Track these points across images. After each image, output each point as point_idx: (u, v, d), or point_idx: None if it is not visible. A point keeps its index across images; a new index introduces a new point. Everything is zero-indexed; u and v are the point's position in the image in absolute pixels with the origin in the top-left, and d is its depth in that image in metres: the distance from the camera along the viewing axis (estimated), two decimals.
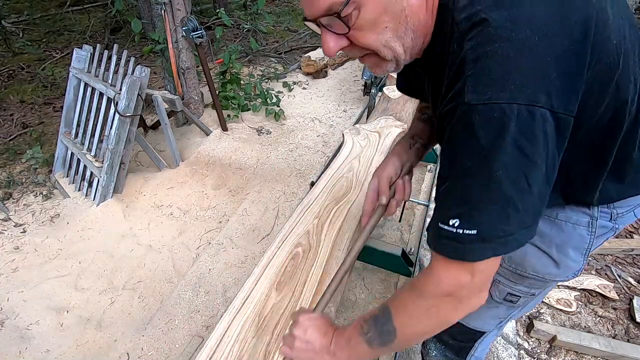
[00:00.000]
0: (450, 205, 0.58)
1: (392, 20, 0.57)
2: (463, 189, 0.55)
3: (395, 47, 0.60)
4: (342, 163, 1.69)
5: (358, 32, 0.58)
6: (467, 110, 0.51)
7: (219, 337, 0.94)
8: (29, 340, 1.84)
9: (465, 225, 0.55)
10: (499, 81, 0.49)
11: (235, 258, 2.23)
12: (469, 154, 0.53)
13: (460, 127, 0.53)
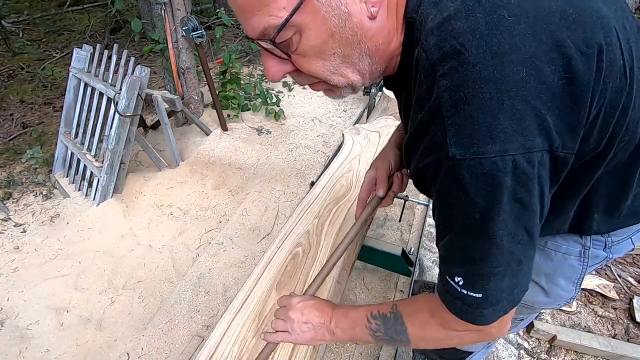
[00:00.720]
0: (453, 261, 0.54)
1: (341, 46, 0.49)
2: (464, 248, 0.51)
3: (347, 73, 0.53)
4: (342, 163, 1.69)
5: (301, 58, 0.50)
6: (453, 167, 0.44)
7: (219, 337, 0.94)
8: (29, 340, 1.84)
9: (469, 289, 0.52)
10: (485, 131, 0.42)
11: (235, 258, 2.23)
12: (465, 213, 0.47)
13: (450, 184, 0.46)
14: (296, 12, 0.44)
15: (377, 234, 2.28)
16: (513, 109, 0.41)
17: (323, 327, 0.71)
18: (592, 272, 2.05)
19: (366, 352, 1.67)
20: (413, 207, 2.44)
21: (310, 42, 0.48)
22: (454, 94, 0.43)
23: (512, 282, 0.51)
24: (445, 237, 0.53)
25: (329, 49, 0.49)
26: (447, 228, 0.53)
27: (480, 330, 0.57)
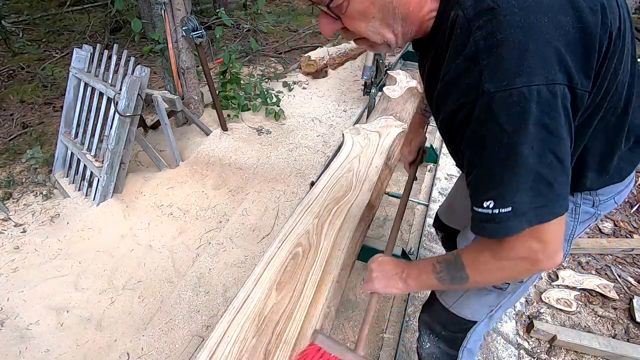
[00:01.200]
0: (483, 189, 0.60)
1: (380, 11, 0.61)
2: (493, 173, 0.58)
3: (385, 33, 0.64)
4: (342, 163, 1.69)
5: (349, 19, 0.63)
6: (487, 100, 0.53)
7: (219, 337, 0.94)
8: (29, 340, 1.84)
9: (499, 206, 0.58)
10: (515, 67, 0.51)
11: (235, 258, 2.23)
12: (495, 140, 0.55)
13: (483, 118, 0.55)
14: None
15: (377, 234, 2.28)
16: (537, 49, 0.50)
17: (396, 276, 0.83)
18: (592, 272, 2.06)
19: (366, 352, 1.67)
20: (413, 207, 2.44)
21: (356, 7, 0.61)
22: (489, 40, 0.52)
23: (540, 201, 0.57)
24: (475, 171, 0.61)
25: (370, 13, 0.61)
26: (479, 160, 0.60)
27: (527, 257, 0.63)
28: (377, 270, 0.88)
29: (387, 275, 0.85)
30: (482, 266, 0.70)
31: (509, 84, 0.51)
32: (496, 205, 0.59)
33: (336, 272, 1.17)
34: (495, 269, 0.68)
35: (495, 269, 0.68)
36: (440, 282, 0.75)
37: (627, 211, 2.55)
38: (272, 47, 5.50)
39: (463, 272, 0.72)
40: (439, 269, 0.75)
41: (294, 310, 1.03)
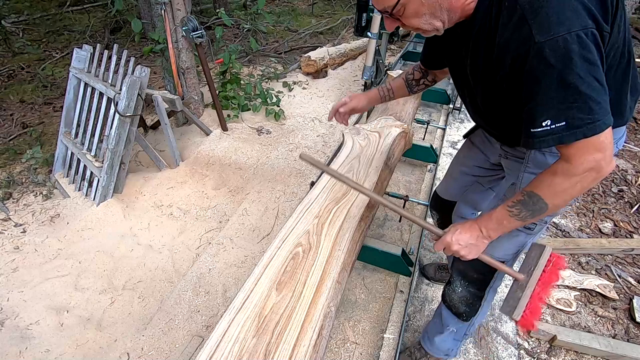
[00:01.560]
0: (540, 113, 0.76)
1: (429, 9, 0.82)
2: (549, 101, 0.74)
3: (434, 23, 0.84)
4: (342, 163, 1.69)
5: (406, 19, 0.85)
6: (539, 48, 0.70)
7: (219, 337, 0.94)
8: (29, 340, 1.84)
9: (555, 121, 0.74)
10: (557, 21, 0.69)
11: (235, 258, 2.23)
12: (549, 78, 0.72)
13: (537, 62, 0.72)
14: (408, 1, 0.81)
15: (377, 234, 2.28)
16: (571, 5, 0.69)
17: (480, 238, 0.94)
18: (592, 272, 2.06)
19: (366, 352, 1.67)
20: (413, 208, 2.44)
21: (410, 10, 0.82)
22: (533, 4, 0.71)
23: (592, 117, 0.72)
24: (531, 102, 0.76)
25: (421, 12, 0.82)
26: (535, 94, 0.75)
27: (594, 167, 0.77)
28: (460, 244, 0.94)
29: (472, 242, 0.94)
30: (559, 188, 0.81)
31: (555, 33, 0.69)
32: (553, 122, 0.74)
33: (336, 272, 1.17)
34: (570, 186, 0.80)
35: (570, 186, 0.80)
36: (523, 220, 0.88)
37: (627, 211, 2.55)
38: (272, 47, 5.50)
39: (542, 203, 0.84)
40: (517, 211, 0.87)
41: (294, 310, 1.03)
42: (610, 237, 2.31)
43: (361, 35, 3.40)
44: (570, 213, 2.52)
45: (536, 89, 0.74)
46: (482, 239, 0.94)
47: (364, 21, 3.29)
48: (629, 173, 2.93)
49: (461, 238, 0.94)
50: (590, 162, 0.76)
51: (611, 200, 2.65)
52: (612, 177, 2.89)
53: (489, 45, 0.82)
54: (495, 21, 0.79)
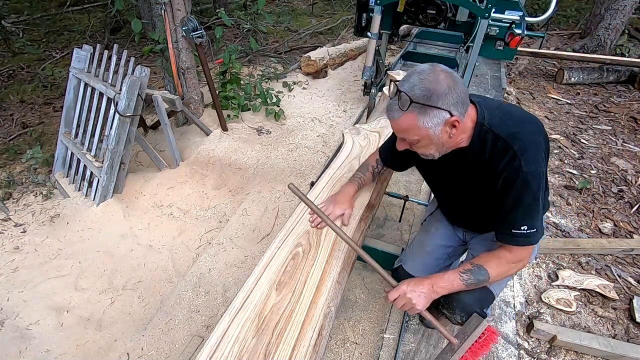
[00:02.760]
0: (520, 219, 1.04)
1: (435, 145, 1.05)
2: (525, 212, 1.04)
3: (435, 154, 1.08)
4: (342, 163, 1.69)
5: (416, 147, 1.07)
6: (525, 175, 1.00)
7: (219, 337, 0.94)
8: (29, 340, 1.84)
9: (530, 228, 1.04)
10: (535, 159, 1.01)
11: (235, 258, 2.23)
12: (528, 194, 1.02)
13: (522, 184, 1.01)
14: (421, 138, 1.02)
15: (377, 234, 2.28)
16: (540, 152, 1.02)
17: (430, 292, 1.09)
18: (592, 273, 2.06)
19: (366, 352, 1.67)
20: (413, 208, 2.44)
21: (422, 144, 1.04)
22: (521, 147, 1.01)
23: (541, 227, 1.08)
24: (514, 212, 1.05)
25: (429, 147, 1.05)
26: (517, 206, 1.04)
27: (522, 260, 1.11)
28: (414, 292, 1.08)
29: (424, 292, 1.08)
30: (501, 269, 1.10)
31: (535, 167, 1.00)
32: (528, 228, 1.04)
33: (336, 272, 1.17)
34: (508, 269, 1.12)
35: (508, 269, 1.12)
36: (467, 285, 1.10)
37: (627, 211, 2.55)
38: (272, 47, 5.50)
39: (487, 275, 1.09)
40: (467, 277, 1.09)
41: (294, 310, 1.03)
42: (610, 237, 2.31)
43: (361, 35, 3.40)
44: (570, 213, 2.52)
45: (518, 203, 1.04)
46: (431, 293, 1.08)
47: (364, 21, 3.29)
48: (629, 173, 2.93)
49: (416, 289, 1.08)
50: (524, 257, 1.10)
51: (611, 200, 2.65)
52: (612, 177, 2.89)
53: (483, 170, 1.10)
54: (490, 154, 1.06)
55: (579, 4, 7.43)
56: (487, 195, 1.14)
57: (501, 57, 3.24)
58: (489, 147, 1.06)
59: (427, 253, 1.45)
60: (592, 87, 4.48)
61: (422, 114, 0.97)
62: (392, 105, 1.00)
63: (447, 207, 1.45)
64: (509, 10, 2.88)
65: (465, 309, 1.19)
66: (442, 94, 0.96)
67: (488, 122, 1.06)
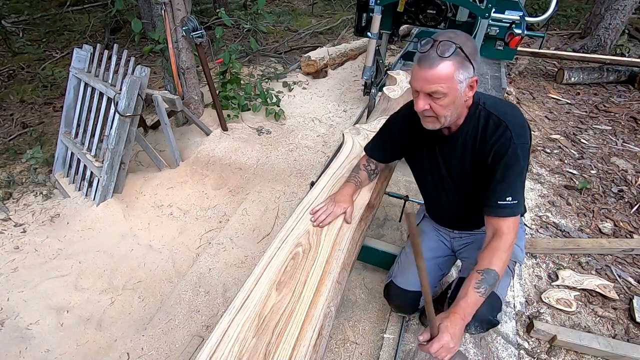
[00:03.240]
0: (505, 191, 1.10)
1: (454, 106, 1.08)
2: (512, 182, 1.10)
3: (446, 117, 1.10)
4: (342, 163, 1.69)
5: (437, 103, 1.07)
6: (516, 147, 1.08)
7: (219, 337, 0.94)
8: (29, 340, 1.84)
9: (514, 199, 1.09)
10: (523, 133, 1.10)
11: (235, 258, 2.23)
12: (515, 166, 1.09)
13: (511, 155, 1.08)
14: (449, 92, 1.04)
15: (377, 234, 2.28)
16: (526, 131, 1.12)
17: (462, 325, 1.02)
18: (592, 272, 2.05)
19: (366, 352, 1.67)
20: (413, 207, 2.44)
21: (445, 101, 1.06)
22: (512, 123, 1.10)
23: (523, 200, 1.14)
24: (502, 182, 1.10)
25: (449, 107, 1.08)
26: (506, 176, 1.10)
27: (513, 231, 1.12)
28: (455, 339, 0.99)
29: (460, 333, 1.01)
30: (503, 260, 1.09)
31: (523, 141, 1.09)
32: (512, 199, 1.09)
33: (336, 272, 1.17)
34: (507, 256, 1.10)
35: (507, 256, 1.10)
36: (486, 295, 1.06)
37: (627, 211, 2.55)
38: (272, 47, 5.50)
39: (496, 274, 1.07)
40: (483, 290, 1.05)
41: (294, 310, 1.03)
42: (610, 237, 2.31)
43: (361, 35, 3.40)
44: (570, 213, 2.52)
45: (506, 174, 1.09)
46: (463, 325, 1.02)
47: (364, 21, 3.29)
48: (629, 173, 2.93)
49: (455, 334, 0.99)
50: (513, 232, 1.11)
51: (611, 200, 2.65)
52: (612, 177, 2.89)
53: (473, 148, 1.16)
54: (483, 129, 1.13)
55: (579, 4, 7.43)
56: (476, 177, 1.20)
57: (501, 57, 3.23)
58: (482, 122, 1.13)
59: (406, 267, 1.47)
60: (592, 87, 4.48)
61: (460, 64, 1.01)
62: (428, 55, 1.01)
63: (438, 207, 1.47)
64: (509, 10, 2.87)
65: (478, 319, 1.17)
66: (476, 51, 1.04)
67: (482, 102, 1.15)
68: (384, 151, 1.49)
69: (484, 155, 1.13)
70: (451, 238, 1.51)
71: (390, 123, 1.44)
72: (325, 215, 1.32)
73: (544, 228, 2.37)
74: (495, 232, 1.12)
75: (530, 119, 3.72)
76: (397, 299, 1.47)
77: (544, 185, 2.77)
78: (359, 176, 1.49)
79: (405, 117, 1.35)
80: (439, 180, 1.32)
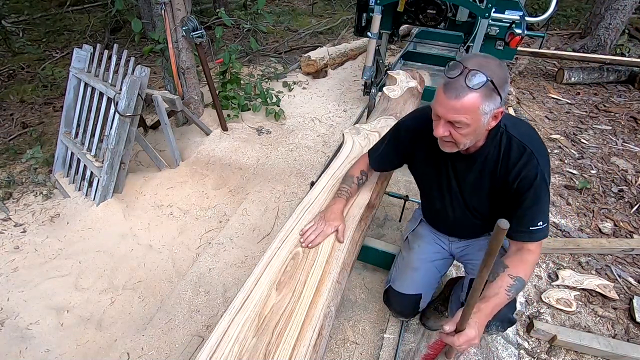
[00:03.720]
0: (537, 216, 1.10)
1: (474, 135, 1.05)
2: (543, 208, 1.10)
3: (465, 144, 1.07)
4: (342, 163, 1.69)
5: (459, 132, 1.04)
6: (543, 174, 1.08)
7: (219, 337, 0.94)
8: (29, 340, 1.84)
9: (544, 223, 1.11)
10: (548, 161, 1.11)
11: (235, 258, 2.23)
12: (545, 192, 1.09)
13: (539, 181, 1.08)
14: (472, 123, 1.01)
15: (377, 234, 2.28)
16: (548, 155, 1.12)
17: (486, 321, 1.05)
18: (592, 272, 2.05)
19: (366, 352, 1.67)
20: (413, 207, 2.44)
21: (466, 130, 1.03)
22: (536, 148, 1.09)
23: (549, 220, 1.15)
24: (534, 208, 1.10)
25: (469, 135, 1.04)
26: (536, 203, 1.09)
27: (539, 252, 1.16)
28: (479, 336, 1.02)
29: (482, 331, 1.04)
30: (529, 272, 1.12)
31: (548, 165, 1.10)
32: (543, 223, 1.10)
33: (336, 272, 1.17)
34: (532, 270, 1.14)
35: (532, 270, 1.14)
36: (511, 298, 1.09)
37: (627, 211, 2.55)
38: (272, 47, 5.50)
39: (523, 282, 1.10)
40: (513, 293, 1.08)
41: (294, 310, 1.03)
42: (610, 237, 2.31)
43: (361, 35, 3.40)
44: (570, 213, 2.52)
45: (536, 200, 1.09)
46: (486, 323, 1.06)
47: (364, 21, 3.29)
48: (629, 173, 2.93)
49: (481, 331, 1.02)
50: (539, 253, 1.16)
51: (611, 200, 2.65)
52: (612, 177, 2.89)
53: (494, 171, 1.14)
54: (505, 153, 1.11)
55: (579, 4, 7.43)
56: (493, 199, 1.19)
57: (501, 57, 3.23)
58: (504, 146, 1.11)
59: (414, 270, 1.46)
60: (592, 87, 4.48)
61: (487, 97, 0.96)
62: (455, 83, 0.95)
63: (440, 217, 1.44)
64: (509, 10, 2.87)
65: (500, 318, 1.20)
66: (506, 81, 0.99)
67: (504, 124, 1.10)
68: (391, 163, 1.46)
69: (508, 181, 1.11)
70: (449, 242, 1.51)
71: (398, 132, 1.37)
72: (315, 235, 1.25)
73: None
74: (523, 249, 1.13)
75: (530, 119, 3.72)
76: (397, 305, 1.48)
77: None
78: (351, 190, 1.44)
79: (416, 130, 1.27)
80: (447, 194, 1.29)
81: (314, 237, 1.25)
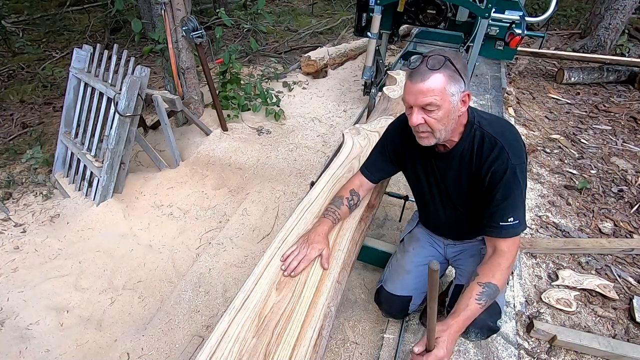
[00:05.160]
0: (507, 212, 1.11)
1: (447, 120, 1.07)
2: (513, 203, 1.10)
3: (440, 132, 1.09)
4: (342, 163, 1.69)
5: (430, 117, 1.07)
6: (514, 167, 1.09)
7: (219, 337, 0.94)
8: (29, 340, 1.84)
9: (515, 219, 1.11)
10: (520, 154, 1.11)
11: (235, 258, 2.23)
12: (516, 186, 1.10)
13: (510, 176, 1.09)
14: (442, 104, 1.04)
15: (377, 234, 2.28)
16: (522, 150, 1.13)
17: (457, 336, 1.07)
18: (592, 272, 2.05)
19: (366, 352, 1.67)
20: (413, 207, 2.43)
21: (439, 114, 1.06)
22: (507, 143, 1.11)
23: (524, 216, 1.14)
24: (503, 203, 1.11)
25: (443, 120, 1.07)
26: (506, 197, 1.10)
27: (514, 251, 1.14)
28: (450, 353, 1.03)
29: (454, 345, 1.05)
30: (503, 277, 1.11)
31: (521, 161, 1.10)
32: (514, 219, 1.10)
33: (336, 272, 1.17)
34: (507, 274, 1.14)
35: (507, 274, 1.14)
36: (484, 307, 1.09)
37: (627, 211, 2.55)
38: (272, 47, 5.50)
39: (496, 288, 1.10)
40: (484, 302, 1.08)
41: (294, 310, 1.03)
42: (610, 237, 2.31)
43: (361, 35, 3.40)
44: (570, 213, 2.52)
45: (507, 194, 1.10)
46: (457, 338, 1.07)
47: (364, 21, 3.29)
48: (629, 173, 2.93)
49: (451, 349, 1.03)
50: (514, 252, 1.14)
51: (611, 200, 2.65)
52: (612, 177, 2.89)
53: (469, 167, 1.17)
54: (478, 148, 1.13)
55: (579, 4, 7.43)
56: (473, 196, 1.21)
57: (501, 57, 3.24)
58: (477, 142, 1.14)
59: (406, 272, 1.47)
60: (592, 87, 4.48)
61: (450, 77, 1.03)
62: (418, 69, 1.03)
63: (434, 218, 1.46)
64: (509, 10, 2.88)
65: (477, 325, 1.19)
66: (465, 67, 1.08)
67: (478, 121, 1.15)
68: (384, 168, 1.43)
69: (481, 176, 1.14)
70: (445, 245, 1.52)
71: (388, 134, 1.41)
72: (298, 262, 1.14)
73: (544, 228, 2.37)
74: (496, 250, 1.14)
75: (530, 119, 3.72)
76: (387, 304, 1.50)
77: (544, 185, 2.77)
78: (339, 212, 1.33)
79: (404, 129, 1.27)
80: (437, 195, 1.33)
81: (296, 264, 1.14)
